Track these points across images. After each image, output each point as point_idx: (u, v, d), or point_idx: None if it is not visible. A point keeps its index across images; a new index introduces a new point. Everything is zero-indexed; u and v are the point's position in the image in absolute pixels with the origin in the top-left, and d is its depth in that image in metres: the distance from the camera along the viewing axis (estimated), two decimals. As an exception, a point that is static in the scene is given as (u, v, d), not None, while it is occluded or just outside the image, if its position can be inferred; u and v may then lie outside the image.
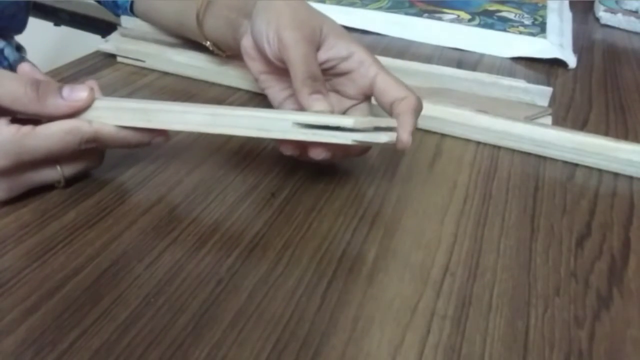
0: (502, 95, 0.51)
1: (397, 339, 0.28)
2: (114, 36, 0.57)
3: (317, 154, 0.35)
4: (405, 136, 0.35)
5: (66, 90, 0.33)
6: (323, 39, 0.39)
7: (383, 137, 0.33)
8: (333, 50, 0.39)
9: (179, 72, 0.53)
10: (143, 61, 0.54)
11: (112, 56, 0.55)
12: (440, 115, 0.46)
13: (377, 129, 0.33)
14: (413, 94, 0.37)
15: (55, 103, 0.33)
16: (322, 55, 0.39)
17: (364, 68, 0.38)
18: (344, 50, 0.39)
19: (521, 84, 0.51)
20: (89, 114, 0.34)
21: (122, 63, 0.55)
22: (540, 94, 0.51)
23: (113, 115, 0.34)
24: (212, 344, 0.27)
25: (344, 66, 0.39)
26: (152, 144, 0.37)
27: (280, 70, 0.40)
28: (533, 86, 0.51)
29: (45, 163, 0.34)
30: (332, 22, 0.40)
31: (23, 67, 0.37)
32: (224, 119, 0.34)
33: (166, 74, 0.53)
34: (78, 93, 0.34)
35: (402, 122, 0.35)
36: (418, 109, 0.37)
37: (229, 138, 0.43)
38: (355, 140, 0.32)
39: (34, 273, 0.30)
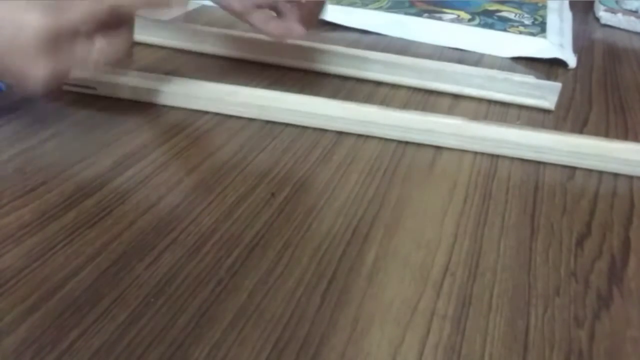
0: (513, 91, 0.52)
1: (397, 339, 0.28)
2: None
3: None
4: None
5: None
6: None
7: None
8: None
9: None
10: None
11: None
12: (433, 127, 0.44)
13: None
14: None
15: None
16: None
17: None
18: None
19: (531, 79, 0.52)
20: None
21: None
22: (551, 89, 0.52)
23: None
24: (212, 343, 0.27)
25: None
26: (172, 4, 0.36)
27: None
28: (544, 82, 0.52)
29: (81, 35, 0.33)
30: None
31: None
32: None
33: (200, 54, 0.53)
34: None
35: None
36: None
37: (229, 138, 0.43)
38: None
39: (34, 273, 0.30)
